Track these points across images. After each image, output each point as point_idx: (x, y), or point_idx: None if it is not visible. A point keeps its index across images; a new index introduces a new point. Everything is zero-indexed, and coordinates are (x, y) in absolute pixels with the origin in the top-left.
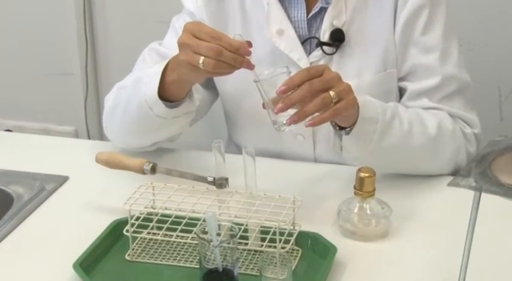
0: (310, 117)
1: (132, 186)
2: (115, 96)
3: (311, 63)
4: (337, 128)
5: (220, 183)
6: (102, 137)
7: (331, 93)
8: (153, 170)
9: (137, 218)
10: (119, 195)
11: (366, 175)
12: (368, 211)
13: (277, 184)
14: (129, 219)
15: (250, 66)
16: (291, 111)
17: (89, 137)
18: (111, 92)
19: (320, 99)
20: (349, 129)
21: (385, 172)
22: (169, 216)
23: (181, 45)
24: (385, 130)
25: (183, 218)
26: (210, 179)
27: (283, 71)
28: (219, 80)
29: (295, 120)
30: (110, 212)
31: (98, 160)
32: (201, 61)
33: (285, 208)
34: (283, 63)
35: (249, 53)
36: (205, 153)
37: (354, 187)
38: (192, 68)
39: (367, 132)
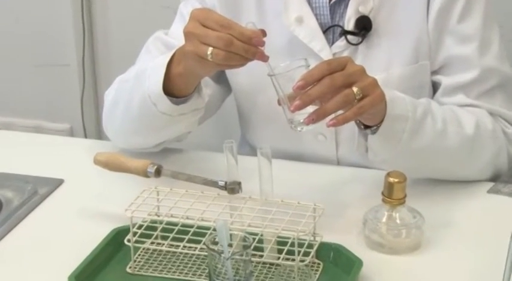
0: (331, 117)
1: (134, 190)
2: (115, 91)
3: (334, 54)
4: (362, 126)
5: (233, 188)
6: (100, 135)
7: (355, 88)
8: (158, 173)
9: (140, 227)
10: (120, 200)
11: (396, 180)
12: (398, 220)
13: (296, 189)
14: (130, 227)
15: (264, 58)
16: (310, 109)
17: (85, 136)
18: (112, 87)
19: (342, 96)
20: (375, 128)
21: (415, 176)
22: (175, 224)
23: (188, 34)
24: (416, 129)
25: (191, 226)
26: (221, 183)
27: (301, 64)
28: (231, 73)
29: (313, 119)
30: (110, 219)
31: (96, 161)
32: (209, 52)
33: (305, 216)
34: (302, 54)
35: (263, 43)
36: (216, 154)
37: (382, 194)
38: (200, 60)
39: (395, 132)
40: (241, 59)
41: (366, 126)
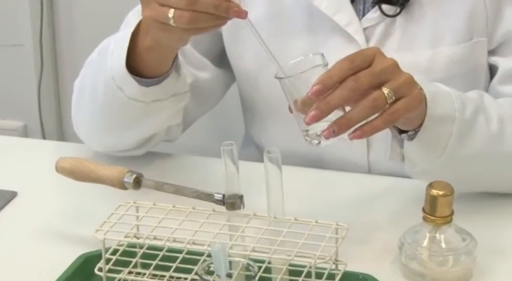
0: (356, 127)
1: (107, 206)
2: (81, 76)
3: (364, 29)
4: (397, 131)
5: (232, 202)
6: (63, 136)
7: (386, 90)
8: (138, 183)
9: (114, 252)
10: (89, 219)
11: (441, 192)
12: (443, 244)
13: (314, 205)
14: (103, 253)
15: (242, 14)
16: (332, 117)
17: (43, 136)
18: (78, 78)
19: (370, 101)
20: (413, 132)
21: (464, 190)
22: (159, 249)
23: None
24: (465, 132)
25: (179, 252)
26: (218, 196)
27: (317, 62)
28: (234, 57)
29: (334, 131)
30: (76, 242)
31: (59, 169)
32: (170, 15)
33: (324, 238)
34: (324, 30)
35: None
36: (212, 160)
37: (423, 210)
38: (162, 27)
39: (439, 137)
40: (212, 19)
41: (402, 131)
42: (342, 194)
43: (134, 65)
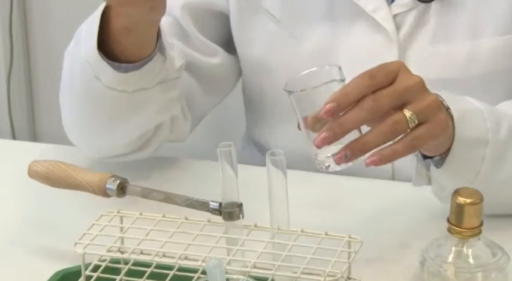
0: (373, 151)
1: (87, 216)
2: (63, 71)
3: (394, 16)
4: (422, 157)
5: (230, 212)
6: (35, 136)
7: (408, 113)
8: (122, 189)
9: (95, 268)
10: (66, 230)
11: (468, 200)
12: (471, 260)
13: (323, 214)
14: (82, 269)
15: None
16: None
17: (14, 136)
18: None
19: (390, 125)
20: (439, 157)
21: (497, 212)
22: (147, 265)
23: None
24: (501, 155)
25: (170, 268)
26: (214, 205)
27: (334, 76)
28: (242, 43)
29: (347, 156)
30: (52, 257)
31: (32, 173)
32: None
33: (335, 253)
34: (347, 16)
35: None
36: (207, 163)
37: (448, 220)
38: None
39: (470, 162)
40: None
41: (427, 155)
42: (355, 202)
43: (111, 50)
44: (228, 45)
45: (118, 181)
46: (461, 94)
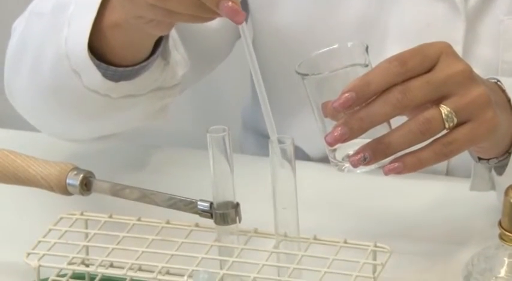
0: (397, 155)
1: (42, 219)
2: (24, 27)
3: None
4: (477, 157)
5: (224, 214)
6: None
7: (445, 109)
8: (87, 185)
9: None
10: (16, 238)
11: None
12: None
13: (341, 217)
14: None
15: (238, 16)
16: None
17: None
18: (23, 15)
19: (420, 123)
20: (496, 160)
21: None
22: None
23: None
24: None
25: None
26: (203, 205)
27: (356, 58)
28: (261, 6)
29: (366, 159)
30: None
31: None
32: None
33: (358, 265)
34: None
35: None
36: (195, 153)
37: (500, 225)
38: None
39: None
40: (193, 5)
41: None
42: (381, 202)
43: (96, 45)
44: None
45: (81, 175)
46: None
